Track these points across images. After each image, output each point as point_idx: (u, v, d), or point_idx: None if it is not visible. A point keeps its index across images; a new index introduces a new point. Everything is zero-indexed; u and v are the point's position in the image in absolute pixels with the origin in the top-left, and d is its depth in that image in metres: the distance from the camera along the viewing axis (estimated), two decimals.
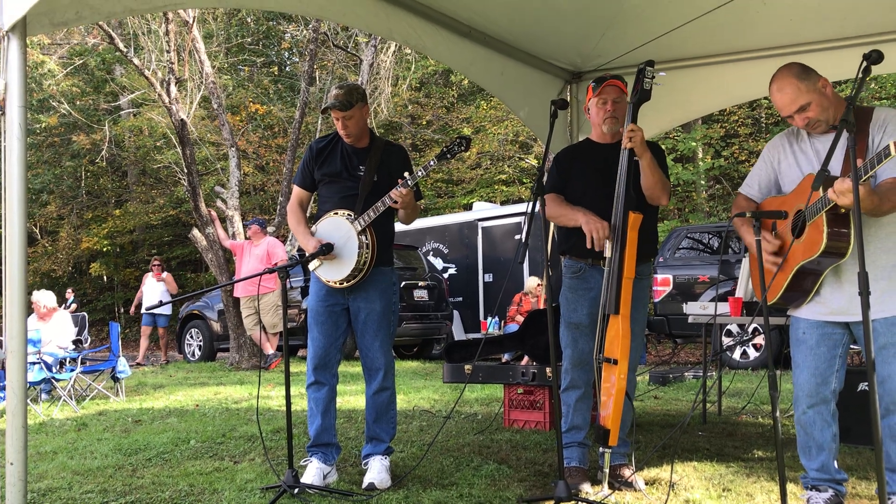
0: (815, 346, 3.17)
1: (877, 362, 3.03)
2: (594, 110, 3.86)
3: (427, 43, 4.57)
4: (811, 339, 3.18)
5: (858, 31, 4.81)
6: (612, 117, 3.80)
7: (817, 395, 3.17)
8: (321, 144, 4.14)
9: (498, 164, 20.07)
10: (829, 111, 3.08)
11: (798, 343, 3.24)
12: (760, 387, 6.94)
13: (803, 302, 3.19)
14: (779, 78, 3.14)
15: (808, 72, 3.11)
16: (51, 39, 20.98)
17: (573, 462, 3.84)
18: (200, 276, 23.82)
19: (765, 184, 3.38)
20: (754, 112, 17.89)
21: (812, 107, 3.07)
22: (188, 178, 11.67)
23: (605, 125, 3.83)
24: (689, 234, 11.33)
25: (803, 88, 3.06)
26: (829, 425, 3.19)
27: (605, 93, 3.79)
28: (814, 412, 3.19)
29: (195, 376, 10.28)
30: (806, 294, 3.16)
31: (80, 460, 4.72)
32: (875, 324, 3.01)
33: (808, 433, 3.22)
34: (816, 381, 3.17)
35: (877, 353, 3.02)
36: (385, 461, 4.01)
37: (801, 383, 3.21)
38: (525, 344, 5.83)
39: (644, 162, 3.62)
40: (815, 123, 3.10)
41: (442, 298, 12.98)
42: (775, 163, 3.34)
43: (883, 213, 2.95)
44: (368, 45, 14.02)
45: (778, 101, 3.14)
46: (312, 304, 4.08)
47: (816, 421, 3.19)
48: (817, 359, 3.17)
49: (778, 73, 3.15)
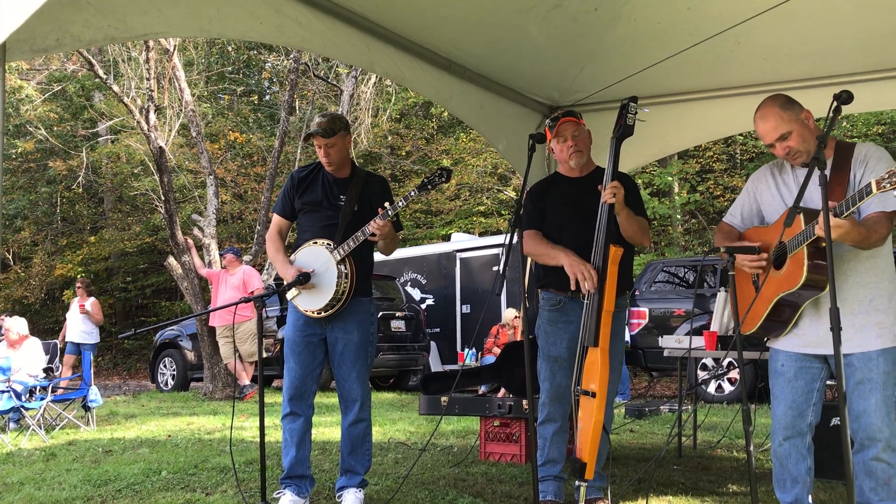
0: (793, 378, 3.19)
1: (854, 397, 3.05)
2: (557, 149, 3.91)
3: (407, 75, 4.61)
4: (789, 371, 3.21)
5: (829, 72, 4.91)
6: (576, 151, 3.85)
7: (793, 428, 3.19)
8: (303, 174, 4.14)
9: (476, 196, 20.15)
10: (810, 142, 3.13)
11: (776, 375, 3.26)
12: (735, 421, 6.96)
13: (782, 333, 3.22)
14: (763, 107, 3.20)
15: (791, 102, 3.17)
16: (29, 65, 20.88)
17: (549, 496, 3.83)
18: (175, 304, 23.58)
19: (747, 213, 3.42)
20: (729, 148, 18.15)
21: (793, 136, 3.12)
22: (165, 206, 11.61)
23: (571, 160, 3.88)
24: (665, 268, 11.41)
25: (785, 118, 3.12)
26: (805, 458, 3.20)
27: (562, 131, 3.85)
28: (789, 444, 3.20)
29: (168, 406, 10.14)
30: (785, 325, 3.19)
31: (48, 491, 4.62)
32: (852, 358, 3.04)
33: (784, 465, 3.23)
34: (793, 413, 3.18)
35: (854, 388, 3.05)
36: (360, 494, 3.98)
37: (779, 416, 3.23)
38: (502, 376, 5.82)
39: (622, 218, 3.67)
40: (796, 154, 3.15)
41: (419, 329, 12.94)
42: (758, 193, 3.39)
43: (870, 246, 2.98)
44: (349, 76, 14.10)
45: (760, 128, 3.20)
46: (289, 334, 4.05)
47: (792, 454, 3.20)
48: (794, 391, 3.18)
49: (763, 102, 3.21)
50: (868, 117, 15.12)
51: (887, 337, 3.04)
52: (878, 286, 3.07)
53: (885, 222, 2.98)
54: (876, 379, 3.01)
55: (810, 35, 4.51)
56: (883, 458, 3.03)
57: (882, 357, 3.02)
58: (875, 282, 3.07)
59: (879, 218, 2.99)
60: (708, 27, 4.35)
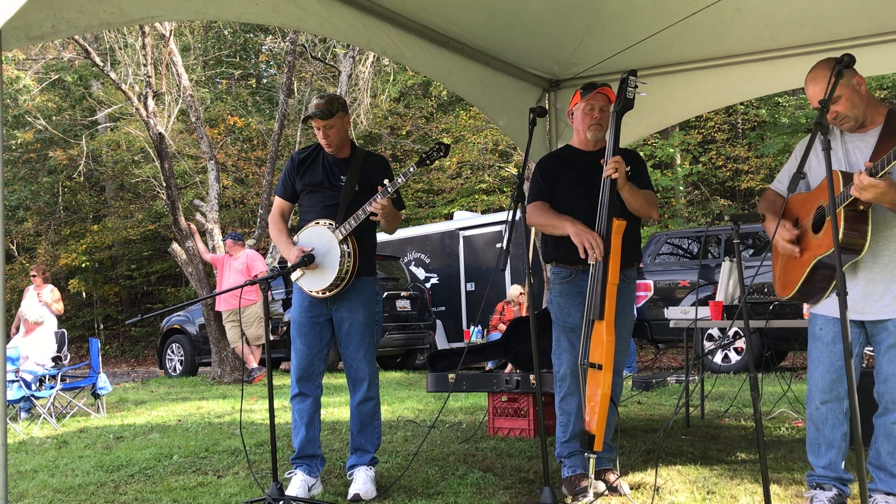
0: (832, 342, 3.18)
1: (884, 361, 3.07)
2: (580, 115, 3.86)
3: (405, 53, 4.59)
4: (827, 335, 3.19)
5: (830, 37, 4.88)
6: (597, 124, 3.81)
7: (831, 392, 3.18)
8: (303, 155, 4.14)
9: (478, 174, 20.11)
10: (858, 108, 3.11)
11: (815, 339, 3.25)
12: (742, 390, 6.99)
13: (821, 297, 3.20)
14: (814, 69, 3.18)
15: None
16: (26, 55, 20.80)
17: (578, 469, 3.81)
18: (181, 290, 23.65)
19: None
20: (731, 118, 18.06)
21: (842, 101, 3.09)
22: (167, 192, 11.60)
23: (589, 131, 3.84)
24: (669, 240, 11.41)
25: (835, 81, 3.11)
26: (841, 423, 3.19)
27: (594, 99, 3.80)
28: (826, 409, 3.19)
29: (177, 391, 10.20)
30: (824, 290, 3.17)
31: (62, 478, 4.66)
32: (888, 323, 3.04)
33: (819, 430, 3.22)
34: (831, 377, 3.17)
35: (885, 351, 3.06)
36: (370, 472, 4.00)
37: (816, 379, 3.21)
38: (508, 352, 5.84)
39: (625, 193, 3.65)
40: (843, 119, 3.13)
41: (424, 308, 12.97)
42: None
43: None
44: (346, 56, 14.03)
45: (810, 91, 3.17)
46: (295, 315, 4.06)
47: (829, 418, 3.19)
48: (833, 355, 3.17)
49: (815, 65, 3.20)
50: (870, 81, 14.99)
51: None
52: None
53: None
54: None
55: (810, 0, 4.47)
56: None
57: None
58: None
59: None
60: None
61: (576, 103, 3.87)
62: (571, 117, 3.93)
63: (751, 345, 3.09)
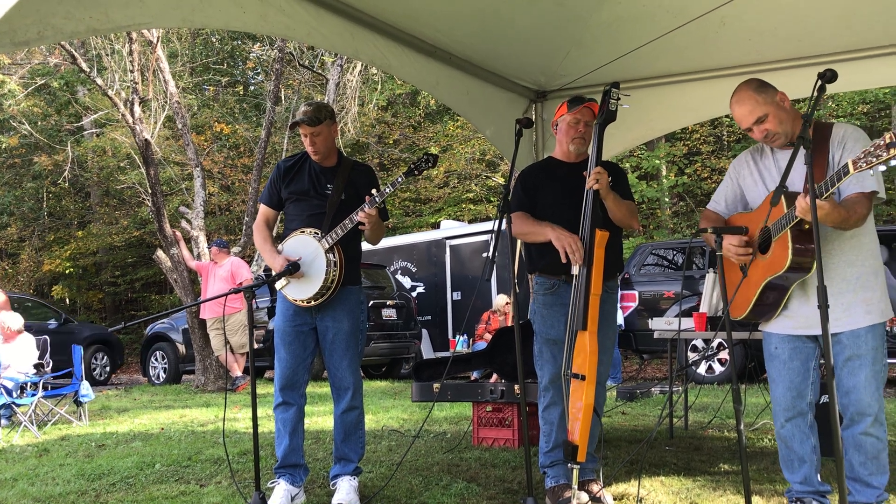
0: (788, 360, 3.22)
1: (843, 374, 3.09)
2: (564, 127, 3.88)
3: (393, 63, 4.60)
4: (783, 353, 3.23)
5: (814, 51, 4.93)
6: (581, 138, 3.83)
7: (794, 409, 3.22)
8: (289, 163, 4.13)
9: (465, 183, 20.14)
10: (786, 124, 3.16)
11: (772, 358, 3.29)
12: (726, 401, 7.01)
13: (772, 316, 3.24)
14: (738, 91, 3.22)
15: (765, 86, 3.19)
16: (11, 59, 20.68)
17: (561, 480, 3.81)
18: (165, 297, 23.53)
19: (731, 200, 3.44)
20: (716, 130, 18.19)
21: (769, 119, 3.14)
22: (152, 199, 11.56)
23: (572, 144, 3.86)
24: (654, 251, 11.46)
25: (760, 101, 3.14)
26: (808, 437, 3.23)
27: (580, 114, 3.81)
28: (792, 425, 3.23)
29: (160, 399, 10.13)
30: (774, 309, 3.21)
31: (42, 487, 4.62)
32: (841, 336, 3.07)
33: (789, 447, 3.26)
34: (792, 394, 3.21)
35: (843, 364, 3.08)
36: (354, 482, 3.99)
37: (778, 398, 3.26)
38: (493, 362, 5.84)
39: (609, 203, 3.67)
40: (774, 136, 3.17)
41: (410, 317, 12.95)
42: (740, 178, 3.41)
43: (850, 226, 3.01)
44: (334, 64, 14.05)
45: (737, 113, 3.22)
46: (279, 324, 4.05)
47: (795, 434, 3.23)
48: (791, 372, 3.21)
49: (738, 87, 3.24)
50: (853, 96, 15.17)
51: (875, 313, 3.07)
52: (863, 264, 3.10)
53: (863, 202, 3.01)
54: (865, 355, 3.05)
55: (794, 15, 4.52)
56: (872, 433, 3.07)
57: (870, 333, 3.06)
58: (860, 260, 3.10)
59: (858, 199, 3.01)
60: (692, 9, 4.36)
61: (561, 115, 3.89)
62: (555, 128, 3.95)
63: (734, 356, 3.11)
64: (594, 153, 3.66)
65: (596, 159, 3.66)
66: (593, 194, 3.61)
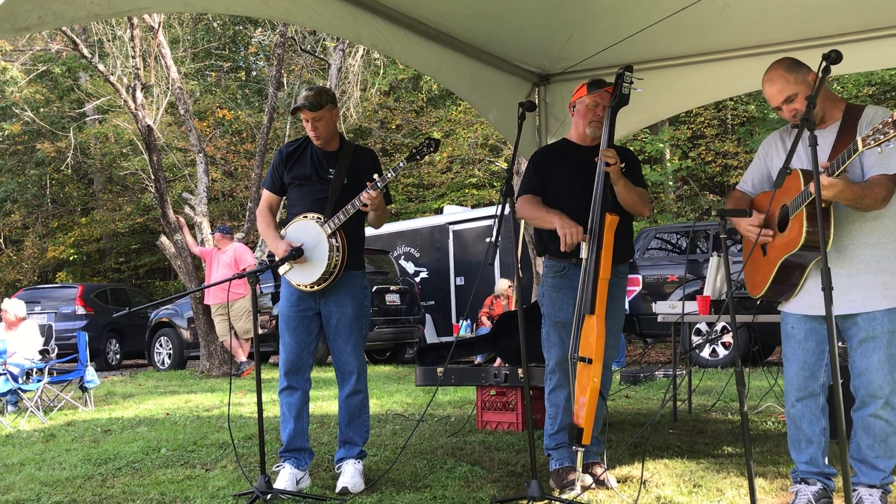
0: (804, 340, 3.22)
1: (857, 355, 3.09)
2: (582, 109, 3.85)
3: (395, 46, 4.58)
4: (799, 333, 3.23)
5: (819, 33, 4.89)
6: (598, 122, 3.80)
7: (805, 389, 3.22)
8: (291, 148, 4.13)
9: (468, 168, 20.10)
10: (816, 105, 3.14)
11: (787, 338, 3.29)
12: (730, 384, 7.02)
13: (791, 295, 3.24)
14: (770, 70, 3.21)
15: (797, 65, 3.17)
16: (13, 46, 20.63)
17: (565, 462, 3.82)
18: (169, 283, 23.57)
19: (758, 179, 3.43)
20: (720, 113, 18.11)
21: (799, 98, 3.12)
22: (155, 185, 11.55)
23: (589, 128, 3.83)
24: (658, 235, 11.44)
25: (791, 80, 3.13)
26: (818, 419, 3.23)
27: (600, 97, 3.79)
28: (802, 406, 3.23)
29: (165, 385, 10.17)
30: (793, 288, 3.20)
31: (49, 471, 4.65)
32: (857, 318, 3.07)
33: (798, 426, 3.26)
34: (805, 375, 3.21)
35: (857, 346, 3.09)
36: (358, 465, 4.01)
37: (790, 377, 3.25)
38: (497, 346, 5.85)
39: (619, 188, 3.66)
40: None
41: (414, 302, 12.97)
42: (768, 159, 3.40)
43: (868, 207, 3.00)
44: (336, 49, 13.99)
45: (767, 91, 3.21)
46: (284, 309, 4.06)
47: (805, 414, 3.23)
48: (805, 353, 3.21)
49: (770, 66, 3.22)
50: (859, 78, 15.09)
51: (893, 297, 3.06)
52: (885, 246, 3.08)
53: (885, 184, 2.99)
54: (880, 337, 3.05)
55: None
56: (881, 416, 3.07)
57: (887, 316, 3.05)
58: (882, 242, 3.08)
59: (880, 179, 3.00)
60: None
61: (580, 97, 3.85)
62: (572, 109, 3.92)
63: (738, 339, 3.11)
64: (605, 136, 3.66)
65: (607, 142, 3.65)
66: (604, 177, 3.60)
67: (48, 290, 16.54)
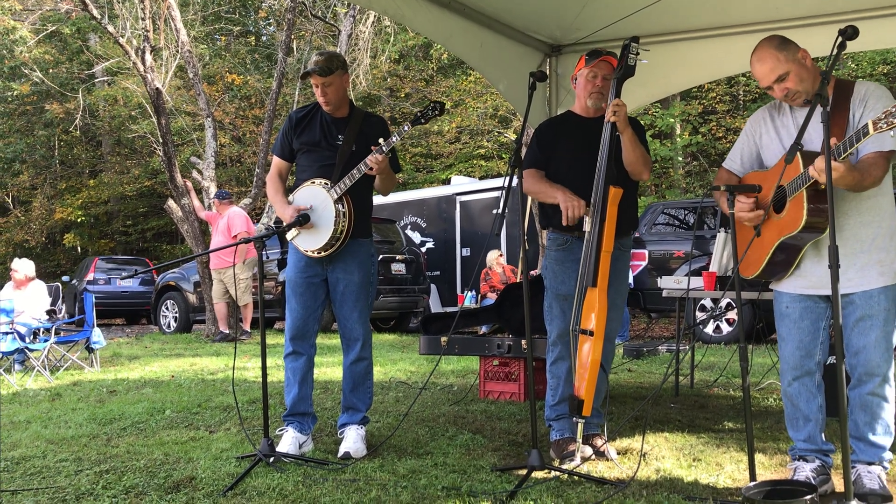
0: (799, 319, 3.22)
1: (854, 334, 3.09)
2: (582, 82, 3.83)
3: (406, 13, 4.54)
4: (794, 312, 3.23)
5: (834, 9, 4.83)
6: (598, 93, 3.79)
7: (802, 368, 3.22)
8: (301, 114, 4.11)
9: (477, 139, 20.02)
10: (807, 82, 3.10)
11: (782, 317, 3.29)
12: (732, 360, 7.04)
13: (784, 276, 3.23)
14: (759, 49, 3.16)
15: (787, 43, 3.13)
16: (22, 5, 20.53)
17: (566, 433, 3.85)
18: (176, 247, 23.66)
19: (747, 158, 3.40)
20: (732, 89, 17.96)
21: (790, 77, 3.09)
22: (164, 149, 11.55)
23: (590, 99, 3.82)
24: (666, 210, 11.41)
25: (781, 58, 3.09)
26: (815, 397, 3.24)
27: (598, 67, 3.77)
28: (799, 384, 3.24)
29: (171, 347, 10.25)
30: (787, 268, 3.19)
31: (55, 429, 4.70)
32: (853, 297, 3.07)
33: (795, 405, 3.27)
34: (801, 353, 3.22)
35: (854, 324, 3.08)
36: (361, 431, 4.04)
37: (786, 356, 3.26)
38: (501, 316, 5.87)
39: (626, 138, 3.64)
40: (794, 94, 3.12)
41: (419, 272, 12.99)
42: (756, 136, 3.36)
43: (865, 188, 2.98)
44: (347, 15, 13.89)
45: (757, 71, 3.17)
46: (291, 275, 4.07)
47: (802, 393, 3.24)
48: (801, 332, 3.21)
49: (759, 44, 3.18)
50: (873, 55, 14.92)
51: (889, 275, 3.06)
52: (879, 225, 3.07)
53: (881, 163, 2.98)
54: (877, 315, 3.05)
55: None
56: (879, 393, 3.08)
57: (883, 294, 3.05)
58: (877, 221, 3.07)
59: (875, 159, 2.98)
60: None
61: (580, 69, 3.84)
62: (574, 82, 3.91)
63: (742, 316, 3.11)
64: (612, 96, 3.63)
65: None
66: (609, 138, 3.58)
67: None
